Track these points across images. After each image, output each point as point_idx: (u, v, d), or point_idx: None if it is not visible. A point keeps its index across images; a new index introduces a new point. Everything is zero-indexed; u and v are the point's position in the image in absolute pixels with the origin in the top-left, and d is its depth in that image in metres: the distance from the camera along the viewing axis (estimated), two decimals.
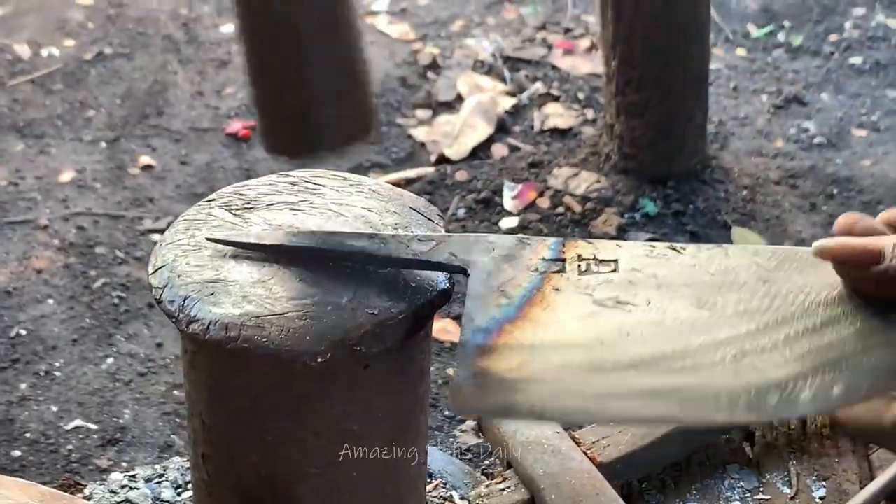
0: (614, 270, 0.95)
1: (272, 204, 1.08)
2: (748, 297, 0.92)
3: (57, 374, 2.46)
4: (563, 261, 0.96)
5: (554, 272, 0.96)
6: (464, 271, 0.97)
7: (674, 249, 0.97)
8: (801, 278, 0.93)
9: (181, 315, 0.97)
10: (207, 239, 1.03)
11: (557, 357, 0.90)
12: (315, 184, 1.11)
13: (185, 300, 0.97)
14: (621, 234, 2.77)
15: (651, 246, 0.97)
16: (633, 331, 0.91)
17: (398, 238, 1.00)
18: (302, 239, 1.01)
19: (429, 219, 1.08)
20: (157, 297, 0.99)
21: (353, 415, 1.01)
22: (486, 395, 0.88)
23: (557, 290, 0.94)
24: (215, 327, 0.95)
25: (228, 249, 1.02)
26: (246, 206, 1.08)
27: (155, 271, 1.02)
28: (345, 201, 1.09)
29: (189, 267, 1.01)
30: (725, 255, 0.96)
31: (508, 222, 2.84)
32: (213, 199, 1.10)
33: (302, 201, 1.08)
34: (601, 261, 0.96)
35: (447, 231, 1.09)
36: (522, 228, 2.81)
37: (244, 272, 1.00)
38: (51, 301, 2.63)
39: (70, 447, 2.30)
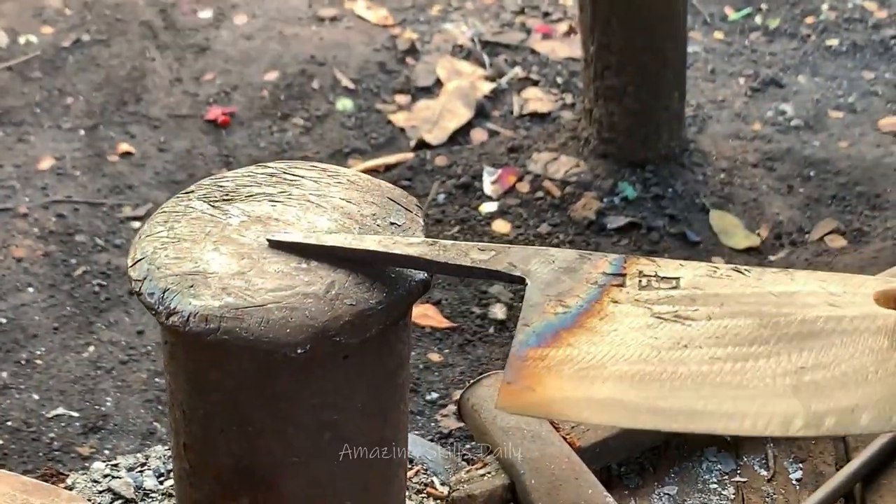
0: (675, 287, 0.95)
1: (251, 195, 1.09)
2: (813, 319, 0.91)
3: (38, 362, 2.46)
4: (624, 275, 0.96)
5: (614, 286, 0.95)
6: (522, 281, 0.97)
7: (738, 271, 0.96)
8: (870, 307, 0.91)
9: (161, 307, 0.98)
10: (269, 240, 1.02)
11: (612, 364, 0.89)
12: (294, 175, 1.12)
13: (164, 292, 0.98)
14: (600, 217, 2.78)
15: (715, 267, 0.97)
16: (690, 343, 0.90)
17: (458, 246, 1.00)
18: (366, 243, 1.02)
19: (407, 209, 1.09)
20: (137, 290, 1.00)
21: (333, 405, 1.02)
22: (535, 396, 0.88)
23: (616, 302, 0.94)
24: (195, 319, 0.96)
25: (209, 243, 1.03)
26: (224, 197, 1.09)
27: (134, 264, 1.02)
28: (323, 192, 1.10)
29: (168, 259, 1.01)
30: (791, 278, 0.95)
31: (488, 207, 2.85)
32: (192, 191, 1.10)
33: (281, 192, 1.09)
34: (663, 277, 0.95)
35: (426, 216, 1.10)
36: (502, 213, 2.82)
37: (223, 264, 1.01)
38: (31, 289, 2.63)
39: (52, 435, 2.30)
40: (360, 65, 3.45)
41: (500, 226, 2.80)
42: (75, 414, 2.35)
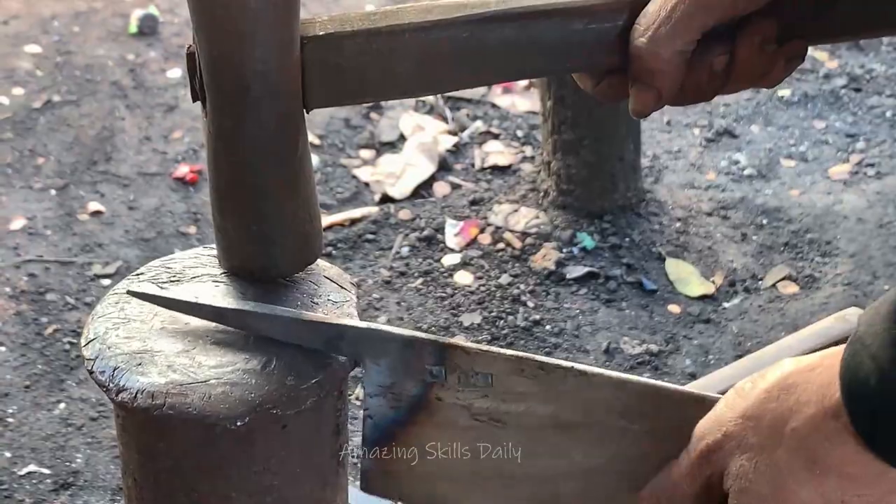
0: (490, 385, 1.05)
1: (196, 277, 1.17)
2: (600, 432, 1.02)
3: (10, 420, 2.52)
4: (445, 367, 1.05)
5: (436, 382, 1.06)
6: (356, 364, 1.09)
7: (542, 369, 1.04)
8: (655, 421, 1.01)
9: (111, 385, 1.05)
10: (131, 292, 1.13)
11: (443, 462, 1.06)
12: None
13: (114, 371, 1.06)
14: (560, 267, 2.87)
15: (519, 358, 1.04)
16: (503, 447, 1.05)
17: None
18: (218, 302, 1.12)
19: (342, 287, 1.17)
20: (90, 369, 1.08)
21: (274, 471, 1.10)
22: (389, 484, 1.08)
23: (440, 399, 1.06)
24: (142, 395, 1.04)
25: (156, 322, 1.11)
26: (172, 279, 1.16)
27: (87, 343, 1.10)
28: None
29: (119, 339, 1.09)
30: (589, 383, 1.03)
31: (451, 259, 2.93)
32: (142, 273, 1.18)
33: (223, 273, 1.17)
34: (478, 373, 1.05)
35: (391, 269, 1.19)
36: (464, 265, 2.91)
37: (169, 343, 1.08)
38: (3, 348, 2.69)
39: (24, 493, 2.36)
40: (325, 121, 3.54)
41: (463, 277, 2.88)
42: (47, 471, 2.41)
